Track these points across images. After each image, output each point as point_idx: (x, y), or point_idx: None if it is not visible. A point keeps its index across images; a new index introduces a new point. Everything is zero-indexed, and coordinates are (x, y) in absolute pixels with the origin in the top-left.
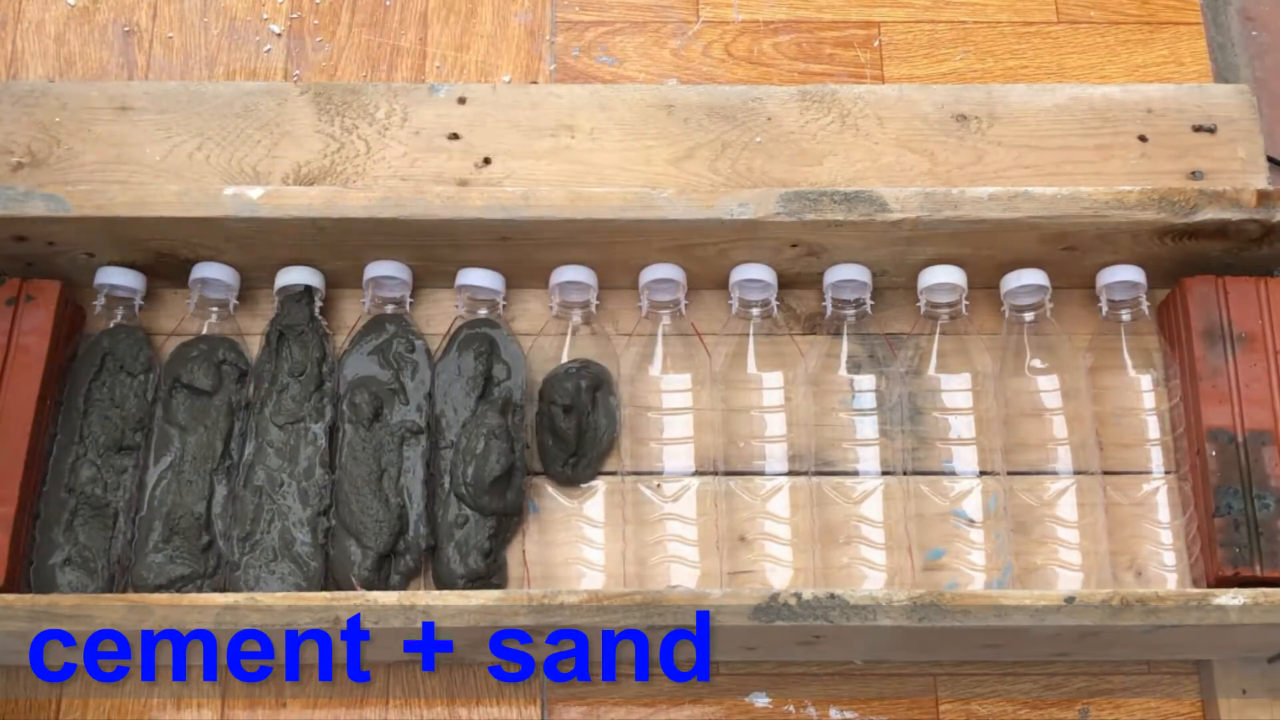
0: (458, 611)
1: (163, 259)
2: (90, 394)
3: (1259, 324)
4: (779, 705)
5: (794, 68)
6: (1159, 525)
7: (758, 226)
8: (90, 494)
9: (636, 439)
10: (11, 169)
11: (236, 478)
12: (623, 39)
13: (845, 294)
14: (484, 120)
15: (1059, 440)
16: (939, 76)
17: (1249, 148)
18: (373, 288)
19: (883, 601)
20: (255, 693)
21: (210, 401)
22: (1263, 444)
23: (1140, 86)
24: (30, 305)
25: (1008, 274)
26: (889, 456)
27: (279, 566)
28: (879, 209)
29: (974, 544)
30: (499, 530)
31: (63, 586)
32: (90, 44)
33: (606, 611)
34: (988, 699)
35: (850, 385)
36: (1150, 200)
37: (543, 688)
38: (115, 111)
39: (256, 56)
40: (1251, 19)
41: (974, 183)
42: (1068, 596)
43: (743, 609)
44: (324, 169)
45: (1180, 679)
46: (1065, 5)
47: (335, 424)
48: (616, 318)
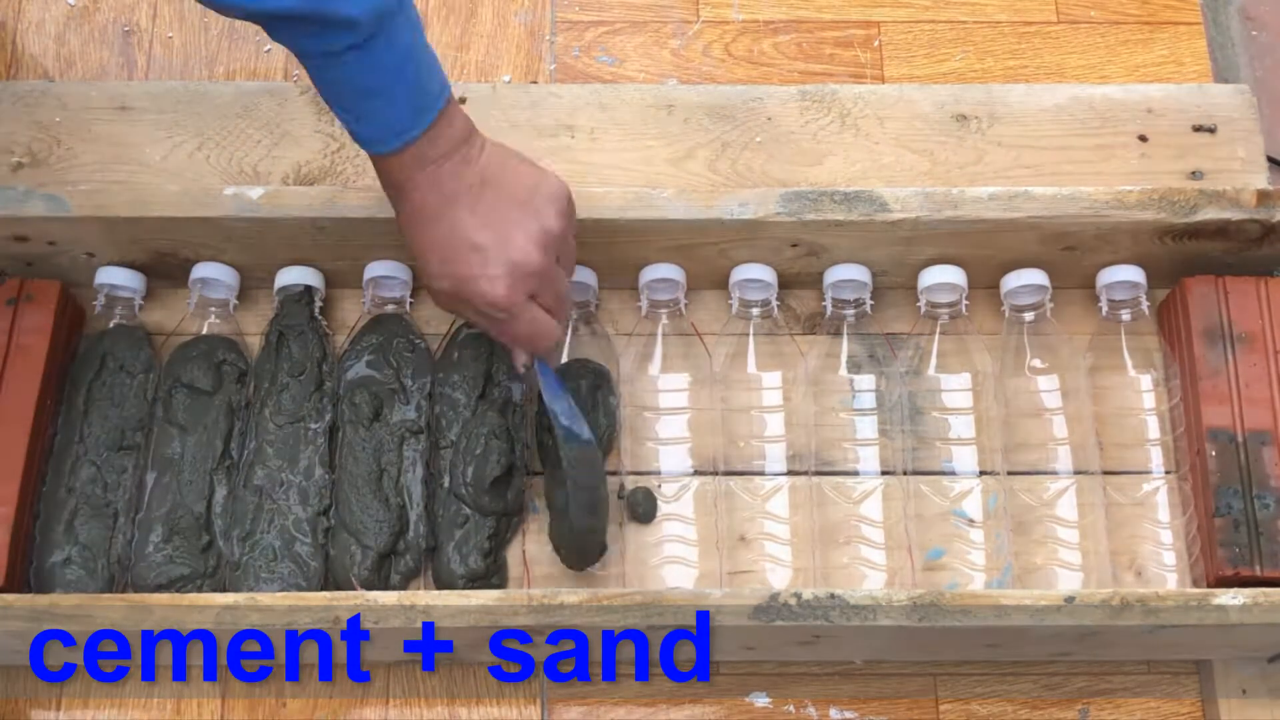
0: (458, 611)
1: (163, 259)
2: (90, 394)
3: (1259, 324)
4: (779, 705)
5: (794, 68)
6: (1159, 525)
7: (758, 226)
8: (90, 494)
9: (636, 439)
10: (11, 169)
11: (236, 478)
12: (623, 39)
13: (845, 294)
14: (484, 120)
15: (1059, 440)
16: (939, 76)
17: (1249, 148)
18: (373, 288)
19: (883, 601)
20: (255, 693)
21: (210, 401)
22: (1263, 444)
23: (1140, 86)
24: (30, 305)
25: (1008, 274)
26: (889, 456)
27: (279, 566)
28: (879, 209)
29: (974, 544)
30: (499, 530)
31: (63, 586)
32: (90, 44)
33: (606, 611)
34: (988, 699)
35: (850, 385)
36: (1150, 200)
37: (543, 688)
38: (115, 111)
39: (256, 56)
40: (1251, 19)
41: (974, 183)
42: (1068, 596)
43: (743, 609)
44: (324, 169)
45: (1180, 679)
46: (1065, 5)
47: (335, 424)
48: (616, 318)
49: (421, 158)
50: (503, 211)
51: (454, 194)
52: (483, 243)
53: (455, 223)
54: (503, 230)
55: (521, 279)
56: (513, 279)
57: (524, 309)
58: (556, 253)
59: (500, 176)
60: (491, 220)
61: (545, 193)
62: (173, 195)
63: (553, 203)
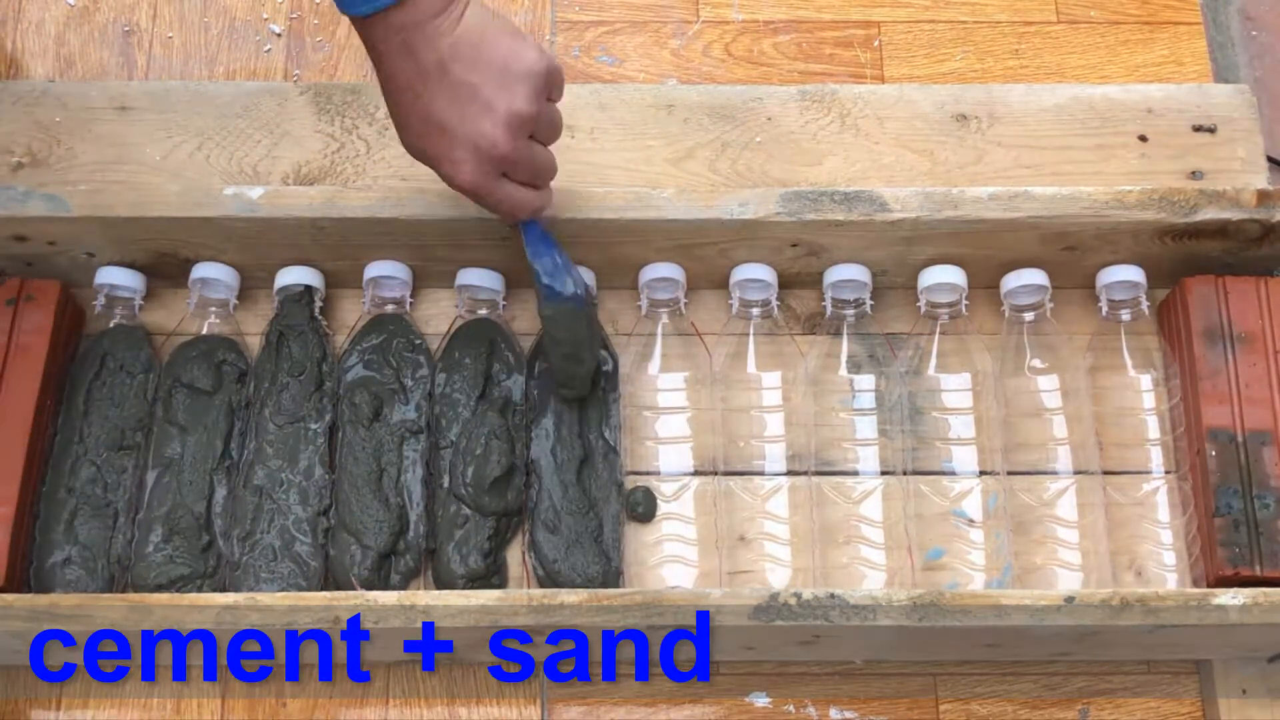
0: (458, 611)
1: (163, 259)
2: (90, 394)
3: (1259, 324)
4: (779, 705)
5: (794, 68)
6: (1159, 525)
7: (758, 226)
8: (90, 494)
9: (636, 438)
10: (11, 169)
11: (236, 477)
12: (623, 39)
13: (845, 294)
14: None
15: (1059, 440)
16: (939, 76)
17: (1249, 148)
18: (373, 288)
19: (883, 601)
20: (255, 693)
21: (210, 401)
22: (1263, 444)
23: (1140, 86)
24: (30, 305)
25: (1008, 274)
26: (889, 456)
27: (279, 566)
28: (879, 209)
29: (974, 544)
30: (499, 530)
31: (63, 586)
32: (90, 44)
33: (606, 611)
34: (988, 699)
35: (850, 385)
36: (1150, 200)
37: (543, 688)
38: (115, 111)
39: (256, 56)
40: (1251, 19)
41: (974, 183)
42: (1068, 596)
43: (743, 609)
44: (324, 169)
45: (1180, 679)
46: (1065, 5)
47: (335, 424)
48: (616, 317)
49: (393, 25)
50: (472, 88)
51: (424, 65)
52: (448, 121)
53: (423, 95)
54: (469, 110)
55: (487, 162)
56: (478, 162)
57: (494, 188)
58: (530, 131)
59: (475, 50)
60: (460, 96)
61: (519, 70)
62: (173, 195)
63: (525, 80)
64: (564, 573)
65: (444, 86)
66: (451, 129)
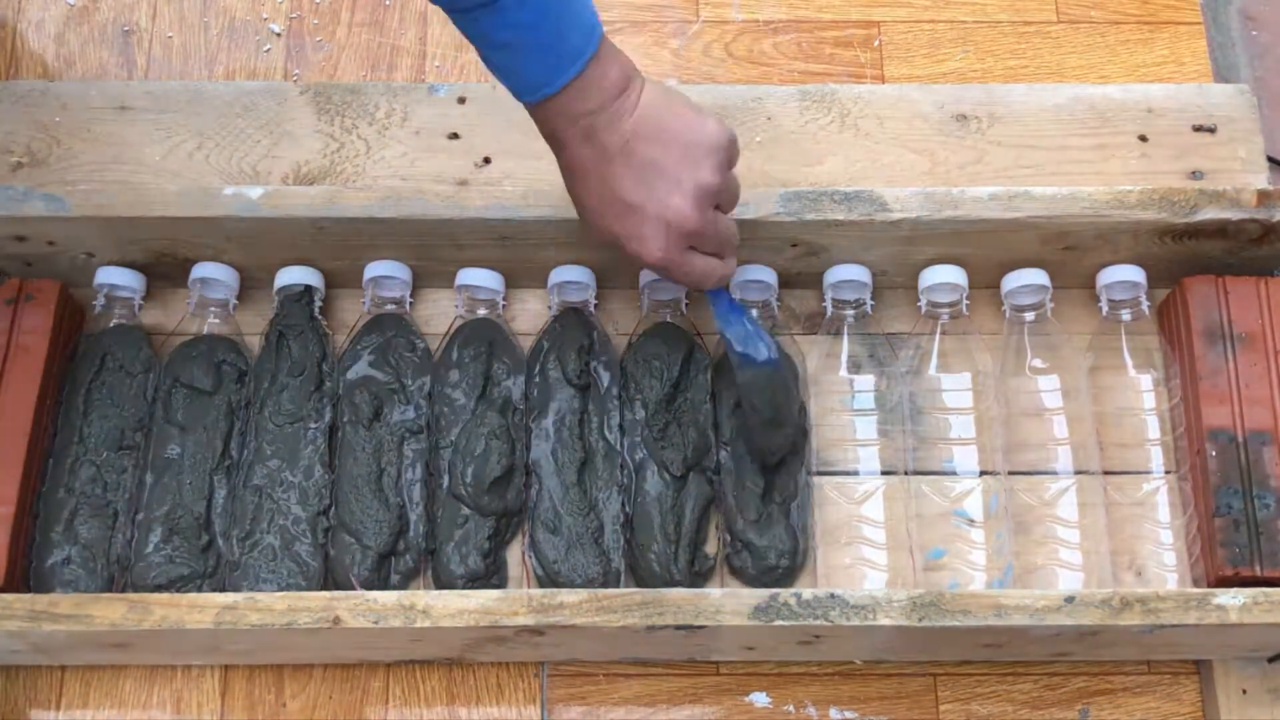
0: (458, 611)
1: (163, 259)
2: (90, 394)
3: (1259, 324)
4: (779, 705)
5: (794, 68)
6: (1159, 525)
7: (758, 226)
8: (90, 494)
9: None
10: (11, 169)
11: (236, 477)
12: (623, 39)
13: (845, 294)
14: (484, 120)
15: (1059, 440)
16: (939, 76)
17: (1249, 148)
18: (373, 288)
19: (883, 601)
20: (255, 692)
21: (210, 401)
22: (1263, 444)
23: (1140, 86)
24: (30, 305)
25: (1008, 274)
26: (890, 456)
27: (279, 566)
28: (879, 209)
29: (974, 544)
30: (499, 530)
31: (62, 586)
32: (90, 44)
33: (606, 611)
34: (988, 699)
35: (850, 385)
36: (1150, 200)
37: (543, 688)
38: (115, 111)
39: (256, 56)
40: (1251, 19)
41: (974, 182)
42: (1068, 596)
43: (743, 609)
44: (324, 169)
45: (1180, 679)
46: (1065, 5)
47: (335, 424)
48: (616, 317)
49: (569, 112)
50: (659, 167)
51: (607, 149)
52: (637, 201)
53: (609, 179)
54: (657, 187)
55: (677, 236)
56: (667, 238)
57: (683, 261)
58: (715, 203)
59: (658, 127)
60: (646, 177)
61: (704, 145)
62: (173, 195)
63: (711, 155)
64: (564, 573)
65: (630, 167)
66: (640, 207)
